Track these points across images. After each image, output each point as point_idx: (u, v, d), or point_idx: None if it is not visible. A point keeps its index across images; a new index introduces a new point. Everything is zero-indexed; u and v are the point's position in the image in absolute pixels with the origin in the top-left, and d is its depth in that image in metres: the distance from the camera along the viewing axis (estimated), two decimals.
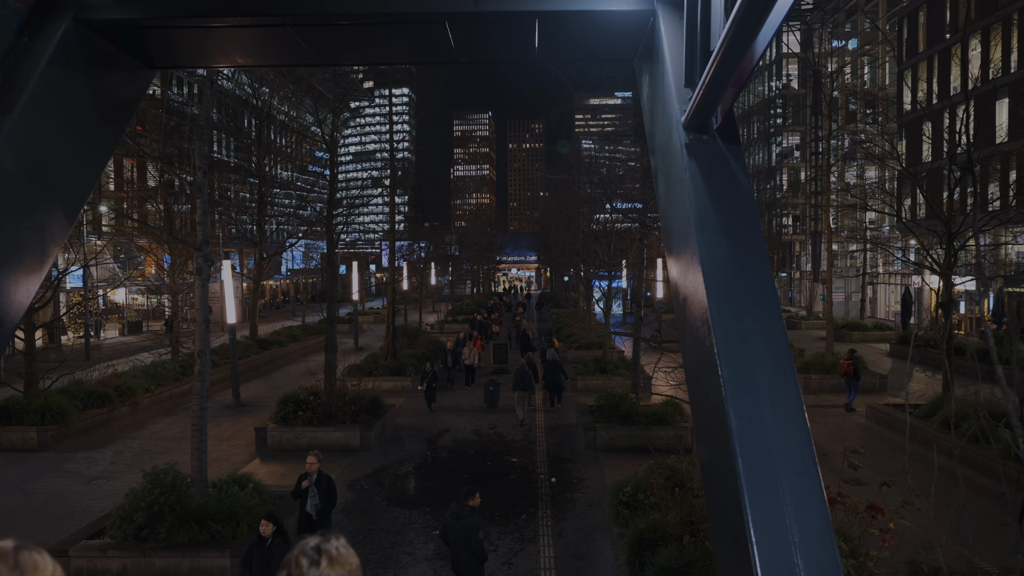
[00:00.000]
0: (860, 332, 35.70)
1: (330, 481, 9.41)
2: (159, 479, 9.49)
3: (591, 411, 16.86)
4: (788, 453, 3.34)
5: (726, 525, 3.53)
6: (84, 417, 17.57)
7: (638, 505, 9.14)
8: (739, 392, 3.44)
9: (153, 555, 9.09)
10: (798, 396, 3.54)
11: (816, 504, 3.25)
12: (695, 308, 3.93)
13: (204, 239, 10.07)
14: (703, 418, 4.06)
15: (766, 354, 3.52)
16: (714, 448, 3.74)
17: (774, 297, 3.75)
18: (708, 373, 3.73)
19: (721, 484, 3.62)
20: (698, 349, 3.95)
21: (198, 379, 10.34)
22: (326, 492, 9.32)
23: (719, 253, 3.89)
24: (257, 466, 14.81)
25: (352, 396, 16.57)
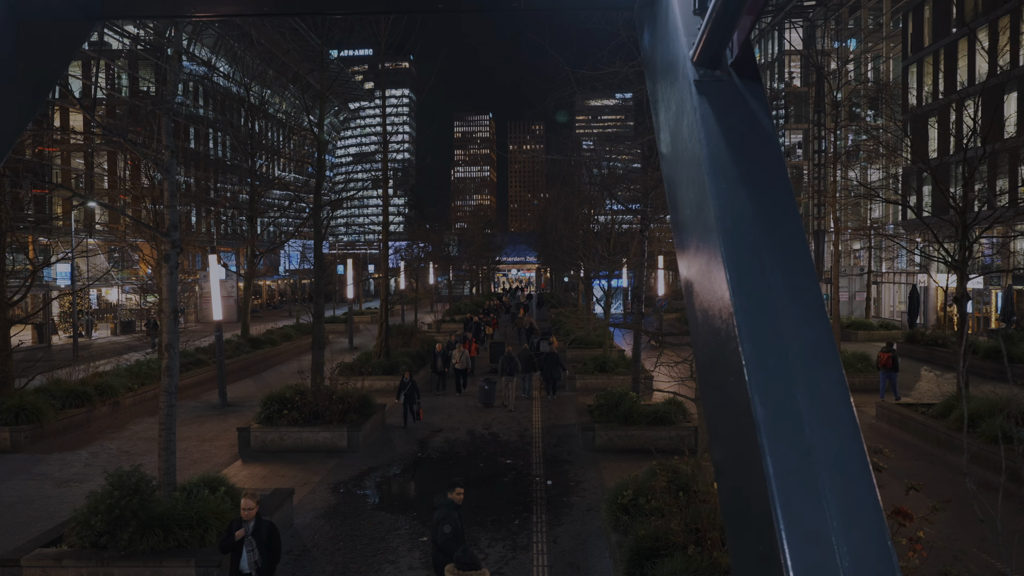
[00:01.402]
0: (866, 331, 34.97)
1: (272, 529, 7.33)
2: (121, 481, 8.77)
3: (590, 411, 16.15)
4: (831, 450, 2.40)
5: (749, 542, 2.57)
6: (61, 417, 16.87)
7: (639, 510, 8.42)
8: (766, 375, 2.50)
9: (112, 564, 8.37)
10: (842, 379, 2.57)
11: (870, 516, 2.34)
12: (709, 275, 2.98)
13: (172, 224, 9.38)
14: (718, 410, 2.99)
15: (800, 328, 2.58)
16: (733, 446, 2.72)
17: (806, 258, 2.83)
18: (725, 354, 2.73)
19: (743, 491, 2.63)
20: (712, 325, 2.95)
21: (165, 374, 9.64)
22: (268, 543, 7.25)
23: (738, 206, 2.95)
24: (238, 468, 14.11)
25: (340, 395, 15.86)
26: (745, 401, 2.44)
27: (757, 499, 2.35)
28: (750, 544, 2.42)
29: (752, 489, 2.40)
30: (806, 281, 2.74)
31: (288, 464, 14.22)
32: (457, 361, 21.98)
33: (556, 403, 20.39)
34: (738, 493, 2.67)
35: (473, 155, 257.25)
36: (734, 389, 2.67)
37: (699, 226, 3.24)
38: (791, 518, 2.17)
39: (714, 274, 2.86)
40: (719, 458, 3.16)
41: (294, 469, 13.88)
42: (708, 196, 3.00)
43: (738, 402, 2.57)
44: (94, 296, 47.70)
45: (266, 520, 7.36)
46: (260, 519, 7.31)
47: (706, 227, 3.07)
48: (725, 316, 2.69)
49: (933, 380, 23.71)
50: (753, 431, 2.34)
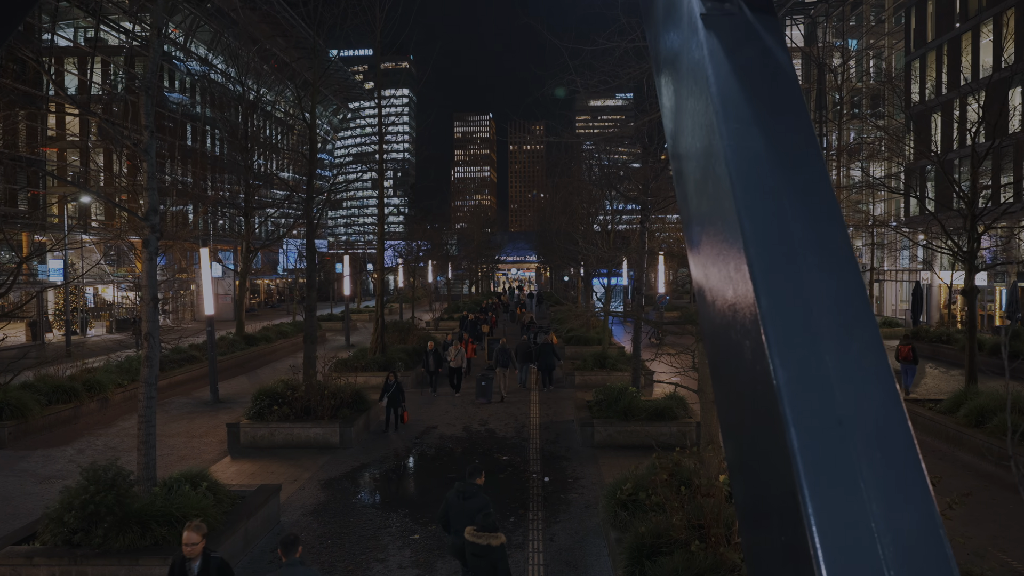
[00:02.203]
0: None
1: (223, 568, 6.20)
2: (97, 476, 8.37)
3: (589, 406, 15.75)
4: (868, 419, 1.81)
5: (769, 531, 1.98)
6: (47, 413, 16.47)
7: (638, 505, 8.02)
8: (787, 333, 1.92)
9: (85, 563, 7.98)
10: (876, 338, 1.98)
11: (916, 496, 1.76)
12: (718, 224, 2.39)
13: (151, 208, 8.98)
14: (730, 377, 2.36)
15: (826, 280, 2.00)
16: (748, 419, 2.11)
17: (833, 203, 2.28)
18: (738, 311, 2.14)
19: (761, 471, 2.03)
20: (722, 281, 2.35)
21: (145, 364, 9.24)
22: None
23: (753, 147, 2.36)
24: (227, 464, 13.71)
25: (333, 390, 15.46)
26: (763, 365, 1.98)
27: (779, 479, 1.90)
28: (770, 533, 1.96)
29: (773, 468, 1.94)
30: (833, 228, 2.29)
31: (278, 460, 13.83)
32: (452, 359, 20.95)
33: (554, 399, 20.00)
34: (755, 474, 2.18)
35: (473, 155, 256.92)
36: (749, 352, 2.21)
37: (707, 172, 2.80)
38: (821, 500, 1.70)
39: (725, 222, 2.41)
40: (731, 434, 2.60)
41: (284, 465, 13.49)
42: (717, 138, 2.55)
43: (754, 366, 2.10)
44: (90, 294, 47.32)
45: (215, 557, 6.17)
46: (208, 556, 6.11)
47: (716, 173, 2.63)
48: (738, 268, 2.24)
49: (939, 376, 23.31)
50: (773, 399, 1.88)
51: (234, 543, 8.96)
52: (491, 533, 6.49)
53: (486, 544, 6.44)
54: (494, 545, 6.46)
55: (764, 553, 1.85)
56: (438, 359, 20.92)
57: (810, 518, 1.61)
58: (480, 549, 6.47)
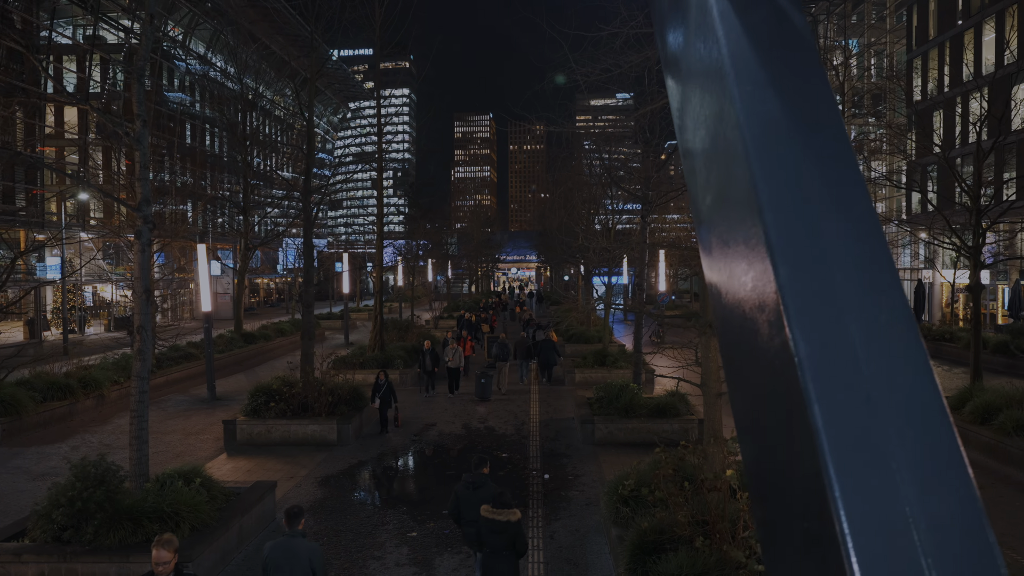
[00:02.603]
0: None
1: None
2: (86, 472, 8.20)
3: (589, 403, 15.57)
4: (899, 394, 1.54)
5: (790, 516, 1.71)
6: (42, 410, 16.30)
7: (641, 501, 7.84)
8: (808, 303, 1.66)
9: (75, 560, 7.80)
10: (905, 306, 1.72)
11: (954, 477, 1.51)
12: (732, 189, 2.12)
13: (144, 198, 8.80)
14: (743, 355, 2.08)
15: (848, 245, 1.74)
16: (765, 397, 1.82)
17: (853, 166, 2.03)
18: (753, 281, 1.87)
19: (779, 453, 1.75)
20: (736, 249, 2.08)
21: (137, 359, 9.06)
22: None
23: (769, 110, 2.09)
24: (223, 461, 13.54)
25: (330, 387, 15.28)
26: (781, 338, 1.77)
27: (801, 461, 1.69)
28: (790, 520, 1.75)
29: (793, 449, 1.73)
30: (855, 192, 2.08)
31: (275, 458, 13.66)
32: (450, 359, 20.24)
33: (554, 397, 19.83)
34: (772, 456, 1.97)
35: (473, 155, 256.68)
36: (766, 325, 2.00)
37: (718, 138, 2.60)
38: (850, 482, 1.50)
39: (738, 187, 2.21)
40: (745, 416, 2.35)
41: (280, 463, 13.32)
42: (729, 102, 2.35)
43: (772, 340, 1.89)
44: (89, 293, 47.15)
45: (189, 575, 5.55)
46: (181, 574, 5.50)
47: (727, 138, 2.43)
48: (754, 236, 2.03)
49: (942, 375, 23.13)
50: (794, 375, 1.67)
51: (228, 540, 8.79)
52: (508, 509, 6.67)
53: (504, 520, 6.61)
54: (512, 521, 6.63)
55: (783, 542, 1.62)
56: (435, 359, 20.18)
57: (837, 502, 1.37)
58: (498, 526, 6.61)
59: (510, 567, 6.68)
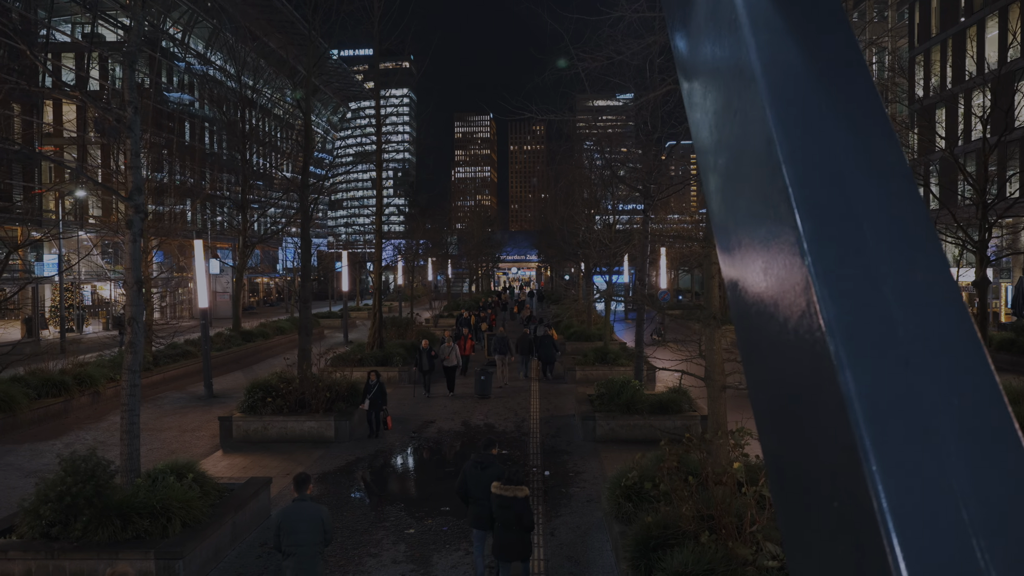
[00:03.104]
0: None
1: None
2: (75, 467, 8.00)
3: (590, 400, 15.37)
4: (941, 358, 1.25)
5: (819, 497, 1.40)
6: (36, 407, 16.11)
7: (644, 496, 7.63)
8: (836, 259, 1.37)
9: (63, 557, 7.60)
10: (943, 263, 1.42)
11: (1005, 448, 1.23)
12: (747, 147, 1.85)
13: (136, 187, 8.61)
14: (762, 323, 1.75)
15: (878, 197, 1.46)
16: (787, 367, 1.50)
17: (881, 115, 1.76)
18: (773, 239, 1.57)
19: (806, 427, 1.44)
20: (753, 205, 1.77)
21: (128, 351, 8.86)
22: None
23: (789, 59, 1.82)
24: (218, 458, 13.34)
25: (328, 383, 15.08)
26: (807, 298, 1.54)
27: (831, 435, 1.43)
28: (818, 504, 1.49)
29: (822, 423, 1.47)
30: (884, 143, 1.86)
31: (271, 454, 13.46)
32: (447, 358, 19.44)
33: (555, 394, 19.63)
34: (797, 434, 1.69)
35: (473, 155, 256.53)
36: (789, 286, 1.77)
37: (731, 92, 2.39)
38: (888, 454, 1.25)
39: (754, 136, 1.98)
40: (764, 394, 2.05)
41: (277, 459, 13.11)
42: (745, 51, 2.14)
43: (794, 302, 1.66)
44: (88, 291, 46.97)
45: None
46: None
47: (740, 95, 2.22)
48: (774, 189, 1.81)
49: None
50: (821, 339, 1.43)
51: (221, 537, 8.59)
52: (516, 486, 7.00)
53: (512, 496, 6.94)
54: (520, 497, 6.94)
55: (809, 528, 1.36)
56: (432, 359, 19.43)
57: (874, 476, 1.13)
58: (506, 501, 6.95)
59: (521, 541, 7.03)
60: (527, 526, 7.01)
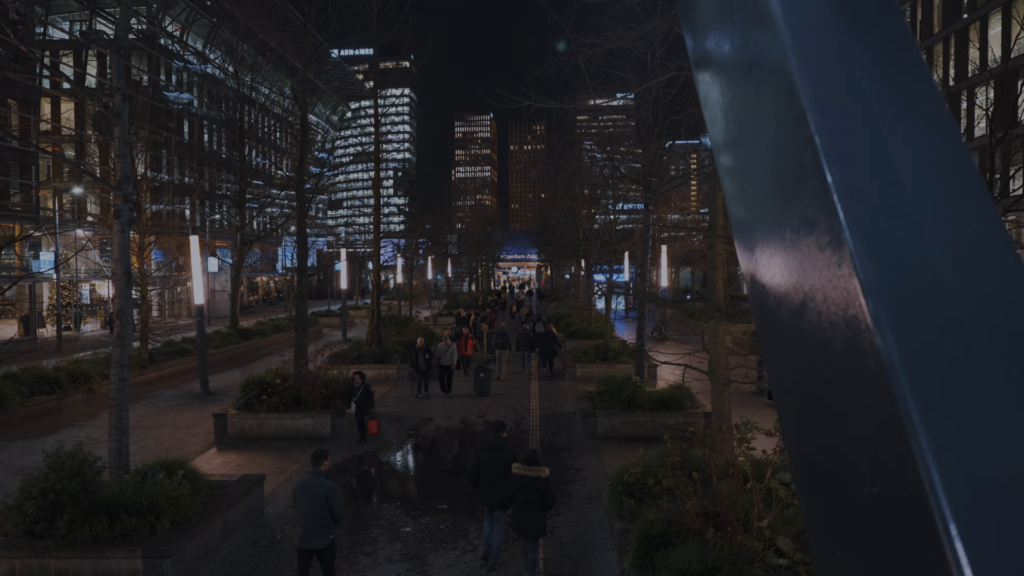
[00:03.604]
0: None
1: None
2: (60, 463, 7.77)
3: (590, 397, 15.14)
4: (996, 319, 0.94)
5: (852, 481, 1.09)
6: (29, 404, 15.90)
7: (646, 492, 7.40)
8: (871, 214, 1.08)
9: (47, 555, 7.38)
10: (996, 218, 1.12)
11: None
12: (765, 93, 1.55)
13: (124, 176, 8.38)
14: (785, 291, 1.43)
15: (913, 140, 1.15)
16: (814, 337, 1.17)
17: (915, 50, 1.47)
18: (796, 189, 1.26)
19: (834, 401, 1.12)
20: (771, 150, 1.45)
21: (117, 344, 8.65)
22: None
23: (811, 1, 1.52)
24: (212, 456, 13.12)
25: (324, 380, 14.86)
26: (839, 257, 1.27)
27: (868, 410, 1.12)
28: (852, 487, 1.18)
29: (856, 396, 1.17)
30: (919, 83, 1.62)
31: (266, 452, 13.23)
32: (443, 357, 18.64)
33: (555, 391, 19.41)
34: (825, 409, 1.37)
35: (474, 155, 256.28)
36: (816, 245, 1.52)
37: (747, 43, 2.14)
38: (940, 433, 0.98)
39: (776, 95, 1.72)
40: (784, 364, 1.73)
41: (272, 457, 12.89)
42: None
43: (826, 263, 1.39)
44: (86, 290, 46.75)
45: None
46: None
47: (760, 43, 1.97)
48: (798, 128, 1.56)
49: None
50: (858, 303, 1.15)
51: (211, 535, 8.36)
52: (538, 467, 7.44)
53: (535, 476, 7.35)
54: (542, 476, 7.34)
55: (843, 518, 1.09)
56: (428, 357, 18.65)
57: (924, 454, 0.86)
58: (529, 481, 7.35)
59: (539, 518, 7.39)
60: (548, 504, 7.39)
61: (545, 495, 7.34)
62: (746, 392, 18.14)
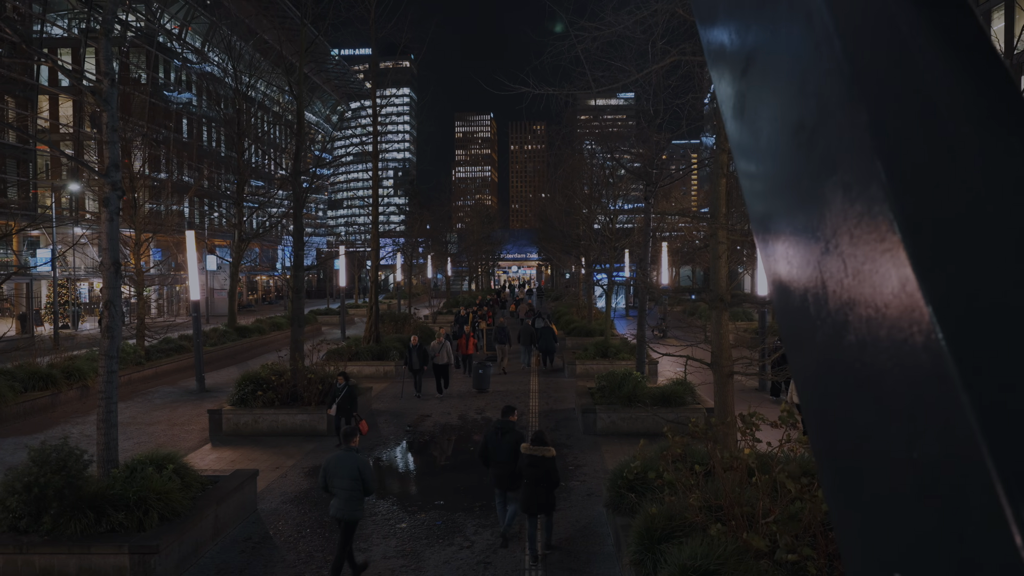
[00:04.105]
0: None
1: None
2: (45, 457, 7.56)
3: (591, 393, 14.93)
4: None
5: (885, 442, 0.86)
6: (22, 400, 15.71)
7: (647, 486, 7.19)
8: (907, 149, 0.84)
9: (32, 551, 7.17)
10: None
11: None
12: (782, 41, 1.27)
13: (112, 163, 8.18)
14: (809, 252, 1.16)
15: (954, 76, 0.92)
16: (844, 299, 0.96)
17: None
18: (821, 131, 1.01)
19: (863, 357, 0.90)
20: (795, 87, 1.17)
21: (105, 336, 8.45)
22: None
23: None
24: (206, 452, 12.92)
25: (321, 376, 14.67)
26: (877, 208, 1.02)
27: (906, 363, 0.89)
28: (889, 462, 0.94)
29: (893, 345, 0.95)
30: (962, 16, 1.40)
31: (261, 448, 13.04)
32: (437, 355, 17.75)
33: (555, 388, 19.21)
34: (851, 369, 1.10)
35: (474, 155, 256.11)
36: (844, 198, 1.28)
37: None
38: (994, 380, 0.79)
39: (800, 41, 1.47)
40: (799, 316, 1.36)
41: (267, 453, 12.69)
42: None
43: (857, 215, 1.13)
44: (84, 288, 46.59)
45: None
46: None
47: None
48: (830, 58, 1.35)
49: None
50: (892, 236, 0.94)
51: (201, 530, 8.16)
52: (544, 447, 7.88)
53: (541, 455, 7.78)
54: (548, 456, 7.80)
55: (872, 484, 0.86)
56: (423, 356, 17.66)
57: (975, 410, 0.63)
58: (536, 460, 7.78)
59: (547, 495, 7.78)
60: (554, 482, 7.79)
61: (551, 473, 7.75)
62: (748, 388, 17.93)
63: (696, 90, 11.35)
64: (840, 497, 0.74)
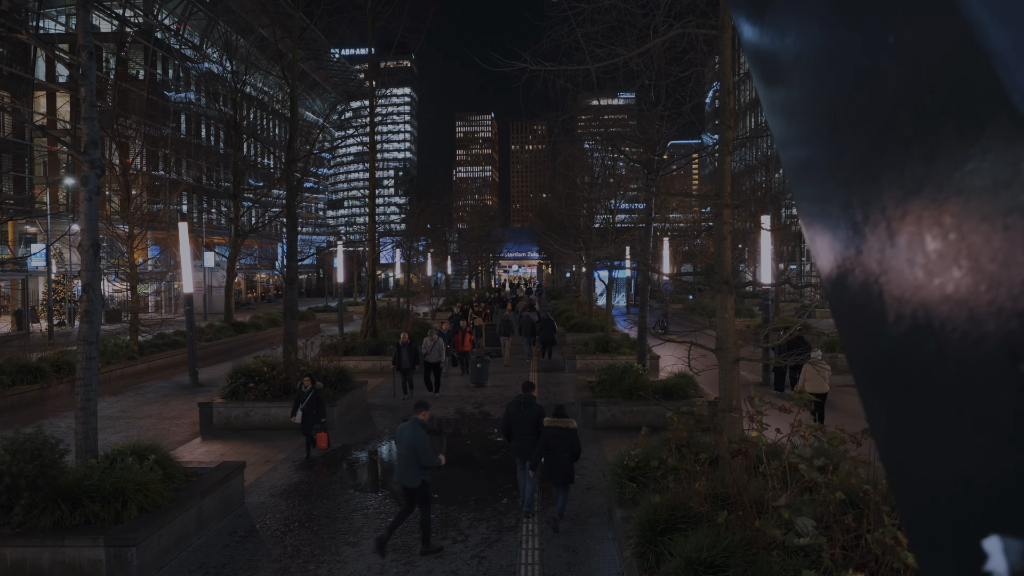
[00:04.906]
0: None
1: None
2: (19, 446, 7.22)
3: (591, 386, 14.59)
4: None
5: (973, 397, 0.52)
6: (10, 393, 15.37)
7: (649, 476, 6.84)
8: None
9: (2, 543, 6.83)
10: None
11: None
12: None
13: (91, 140, 7.84)
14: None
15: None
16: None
17: None
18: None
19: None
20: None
21: (84, 320, 8.10)
22: None
23: None
24: (196, 445, 12.58)
25: (314, 368, 14.31)
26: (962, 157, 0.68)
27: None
28: (975, 407, 0.64)
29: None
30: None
31: (252, 441, 12.69)
32: (428, 352, 16.80)
33: (554, 382, 18.87)
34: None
35: (475, 155, 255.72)
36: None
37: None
38: None
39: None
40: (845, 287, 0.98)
41: (258, 447, 12.35)
42: None
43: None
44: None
45: None
46: None
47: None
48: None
49: None
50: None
51: (184, 523, 7.81)
52: (567, 419, 8.23)
53: (565, 427, 8.13)
54: (571, 428, 8.15)
55: (950, 454, 0.55)
56: (413, 355, 16.65)
57: None
58: (560, 431, 8.12)
59: (568, 466, 8.10)
60: (576, 453, 8.10)
61: (574, 444, 8.06)
62: (752, 382, 17.57)
63: (700, 63, 11.01)
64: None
